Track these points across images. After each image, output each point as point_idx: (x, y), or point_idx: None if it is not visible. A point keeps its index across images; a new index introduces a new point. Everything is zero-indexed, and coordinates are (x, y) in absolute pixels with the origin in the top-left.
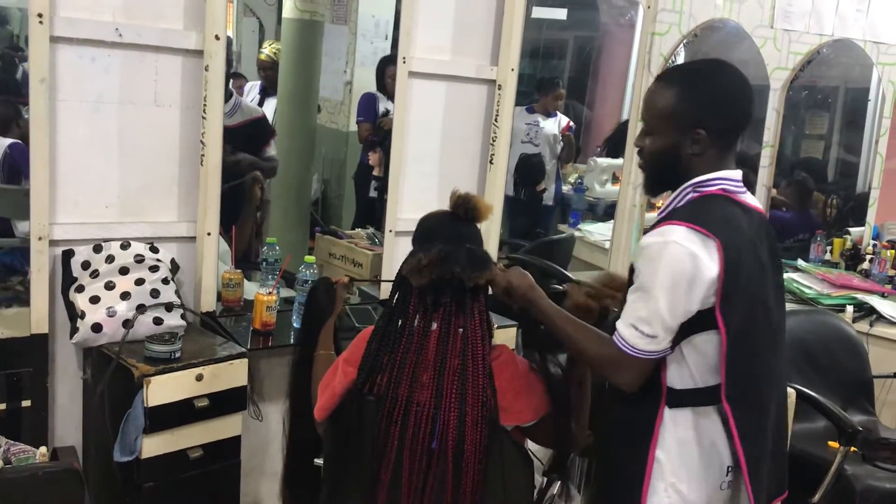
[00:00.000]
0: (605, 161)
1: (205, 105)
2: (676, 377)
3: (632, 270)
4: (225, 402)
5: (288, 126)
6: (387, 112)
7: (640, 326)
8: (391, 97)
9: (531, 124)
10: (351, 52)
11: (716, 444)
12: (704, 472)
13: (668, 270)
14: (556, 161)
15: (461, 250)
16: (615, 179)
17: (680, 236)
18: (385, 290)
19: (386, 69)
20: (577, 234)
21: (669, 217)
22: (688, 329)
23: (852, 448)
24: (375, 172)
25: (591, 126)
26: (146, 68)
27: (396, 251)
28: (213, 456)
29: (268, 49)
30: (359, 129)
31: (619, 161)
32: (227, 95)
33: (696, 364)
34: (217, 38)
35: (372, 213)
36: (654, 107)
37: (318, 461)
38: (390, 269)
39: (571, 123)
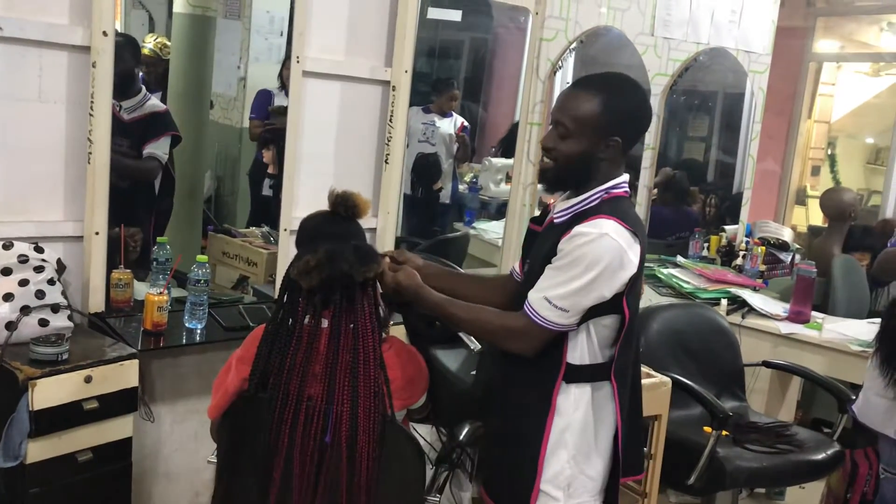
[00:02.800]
0: (499, 161)
1: (92, 102)
2: (576, 354)
3: (551, 253)
4: (115, 404)
5: (179, 123)
6: (282, 108)
7: (554, 300)
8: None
9: (427, 124)
10: (245, 47)
11: (605, 418)
12: (598, 446)
13: (597, 259)
14: (453, 160)
15: (347, 247)
16: (508, 179)
17: (612, 230)
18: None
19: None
20: (471, 232)
21: (594, 212)
22: (594, 311)
23: (724, 432)
24: (270, 170)
25: (486, 127)
26: (29, 63)
27: (292, 250)
28: (104, 459)
29: (151, 43)
30: (251, 125)
31: (513, 161)
32: (136, 90)
33: (599, 342)
34: (105, 34)
35: (267, 212)
36: (577, 112)
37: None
38: (285, 268)
39: (466, 123)
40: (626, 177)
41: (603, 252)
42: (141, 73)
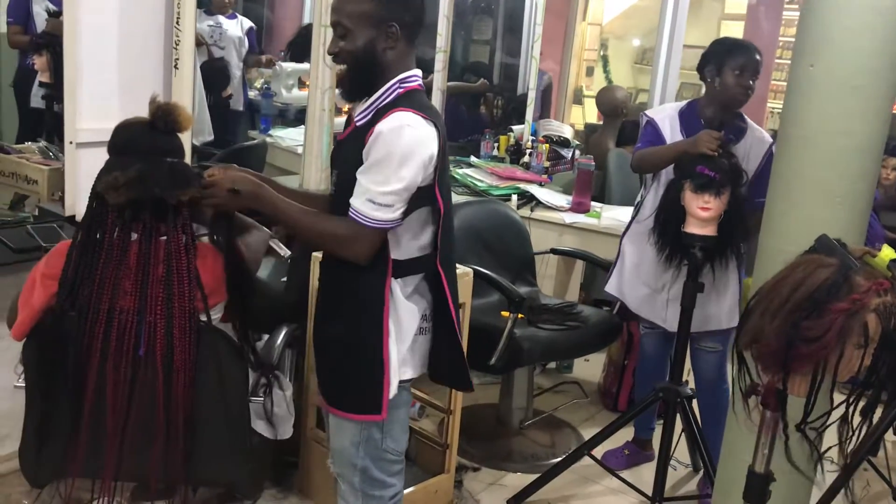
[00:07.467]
0: (289, 66)
1: None
2: (399, 250)
3: (359, 155)
4: None
5: None
6: (56, 13)
7: (377, 199)
8: None
9: (214, 26)
10: None
11: (417, 298)
12: (409, 323)
13: (404, 149)
14: (243, 66)
15: (162, 168)
16: (301, 84)
17: (411, 121)
18: (70, 207)
19: None
20: (268, 139)
21: (392, 107)
22: (411, 204)
23: (520, 315)
24: (42, 78)
25: (273, 29)
26: None
27: (80, 164)
28: None
29: None
30: (9, 32)
31: (306, 66)
32: None
33: (416, 236)
34: None
35: (40, 124)
36: (348, 9)
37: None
38: (74, 184)
39: (253, 26)
40: (418, 71)
41: (407, 143)
42: None
